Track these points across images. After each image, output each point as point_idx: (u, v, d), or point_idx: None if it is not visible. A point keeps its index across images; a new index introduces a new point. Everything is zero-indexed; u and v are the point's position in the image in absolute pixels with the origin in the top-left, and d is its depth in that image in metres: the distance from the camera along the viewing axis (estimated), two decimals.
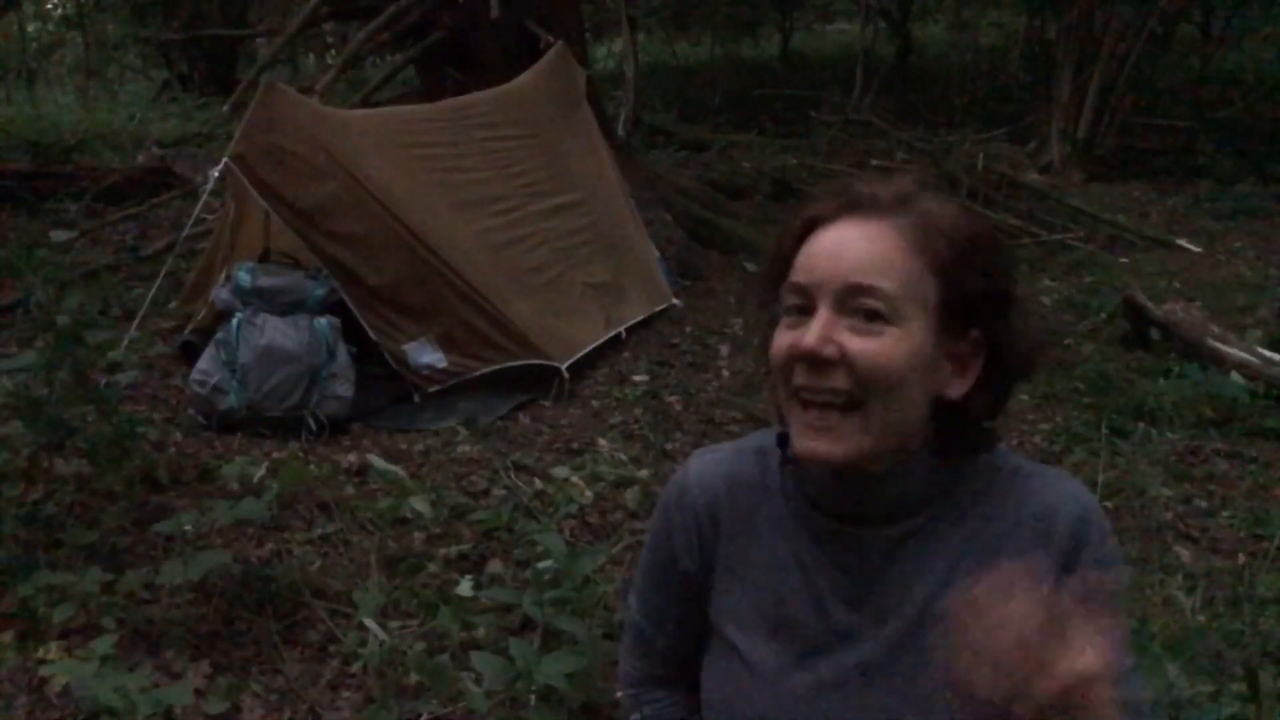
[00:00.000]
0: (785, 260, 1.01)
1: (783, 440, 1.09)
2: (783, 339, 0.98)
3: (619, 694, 1.27)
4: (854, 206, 0.99)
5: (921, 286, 0.96)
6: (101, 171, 7.57)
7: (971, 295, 0.98)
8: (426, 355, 4.30)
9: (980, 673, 0.82)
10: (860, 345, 0.94)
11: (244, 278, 4.09)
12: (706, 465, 1.14)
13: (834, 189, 1.03)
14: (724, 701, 1.09)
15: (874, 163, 8.88)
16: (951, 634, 0.85)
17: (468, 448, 3.88)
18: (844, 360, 0.94)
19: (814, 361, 0.94)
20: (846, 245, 0.97)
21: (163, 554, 2.87)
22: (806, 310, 0.97)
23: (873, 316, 0.94)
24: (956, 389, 0.99)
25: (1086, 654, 0.80)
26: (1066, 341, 5.33)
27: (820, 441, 0.96)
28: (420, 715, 2.30)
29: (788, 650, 1.06)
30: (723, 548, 1.11)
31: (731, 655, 1.09)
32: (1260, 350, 4.53)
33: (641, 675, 1.24)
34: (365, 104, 6.61)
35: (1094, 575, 0.98)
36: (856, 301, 0.95)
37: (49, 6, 15.64)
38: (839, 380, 0.94)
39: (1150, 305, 5.03)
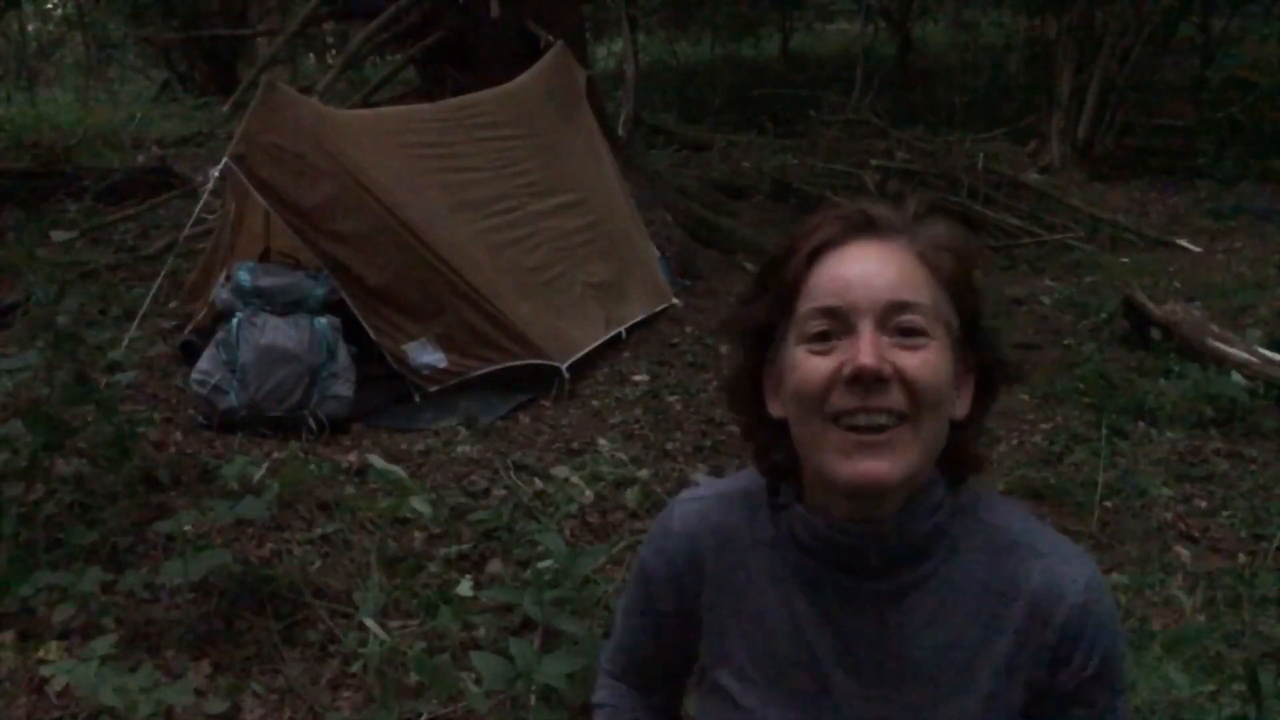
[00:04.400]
0: (792, 288, 0.98)
1: (773, 488, 1.07)
2: (816, 365, 0.94)
3: (599, 666, 1.29)
4: (864, 229, 0.98)
5: (943, 308, 0.96)
6: (101, 171, 7.56)
7: (975, 316, 0.99)
8: (427, 355, 4.30)
9: None
10: (912, 361, 0.92)
11: (244, 278, 4.09)
12: (690, 514, 1.12)
13: (835, 213, 1.00)
14: None
15: (874, 162, 8.88)
16: None
17: (468, 448, 3.88)
18: (898, 377, 0.91)
19: (870, 381, 0.91)
20: (876, 265, 0.95)
21: (163, 554, 2.87)
22: (832, 335, 0.94)
23: (912, 333, 0.93)
24: (960, 409, 0.99)
25: None
26: (1066, 341, 5.33)
27: (874, 461, 0.91)
28: (420, 715, 2.30)
29: (781, 700, 1.04)
30: (708, 597, 1.09)
31: (725, 700, 1.07)
32: (1260, 350, 4.53)
33: (615, 666, 1.26)
34: (365, 104, 6.61)
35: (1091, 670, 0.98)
36: (898, 319, 0.93)
37: (49, 6, 15.64)
38: (893, 398, 0.91)
39: (1150, 305, 5.03)
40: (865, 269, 0.95)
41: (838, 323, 0.94)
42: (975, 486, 1.05)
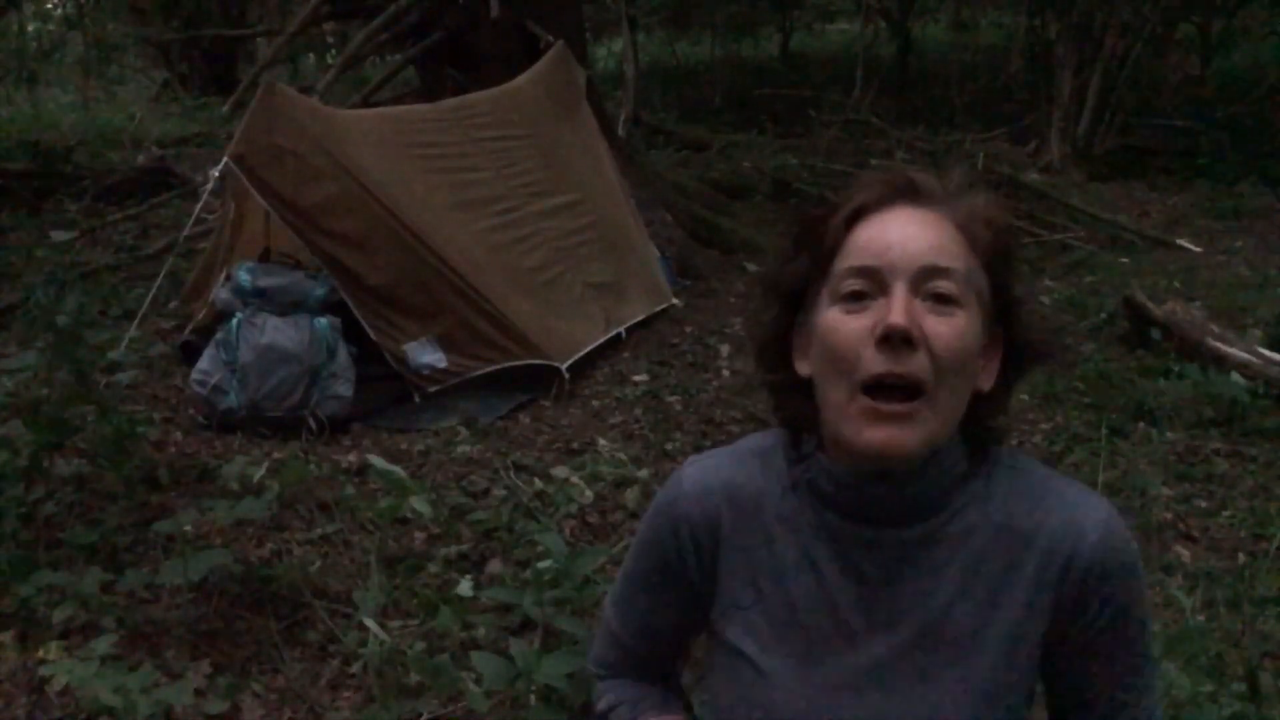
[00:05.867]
0: (830, 249, 0.99)
1: (795, 439, 1.07)
2: (848, 324, 0.95)
3: (590, 670, 1.28)
4: (906, 195, 0.99)
5: (977, 279, 0.97)
6: (101, 171, 7.57)
7: (1007, 290, 1.00)
8: (426, 355, 4.30)
9: None
10: (941, 327, 0.93)
11: (244, 278, 4.09)
12: (702, 473, 1.12)
13: (878, 177, 1.01)
14: (733, 707, 1.08)
15: (874, 162, 8.87)
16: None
17: (468, 448, 3.88)
18: (926, 342, 0.92)
19: (899, 342, 0.91)
20: (916, 230, 0.96)
21: (163, 554, 2.86)
22: (866, 295, 0.95)
23: (944, 299, 0.94)
24: (986, 381, 1.00)
25: None
26: (1066, 341, 5.32)
27: (894, 429, 0.92)
28: (420, 715, 2.30)
29: (798, 652, 1.04)
30: (724, 555, 1.09)
31: (740, 661, 1.07)
32: (1260, 350, 4.52)
33: (611, 664, 1.25)
34: (365, 104, 6.61)
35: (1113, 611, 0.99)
36: (931, 284, 0.94)
37: (49, 6, 15.64)
38: (918, 364, 0.92)
39: (1150, 305, 5.03)
40: (904, 232, 0.96)
41: (873, 283, 0.95)
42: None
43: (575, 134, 5.75)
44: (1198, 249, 7.42)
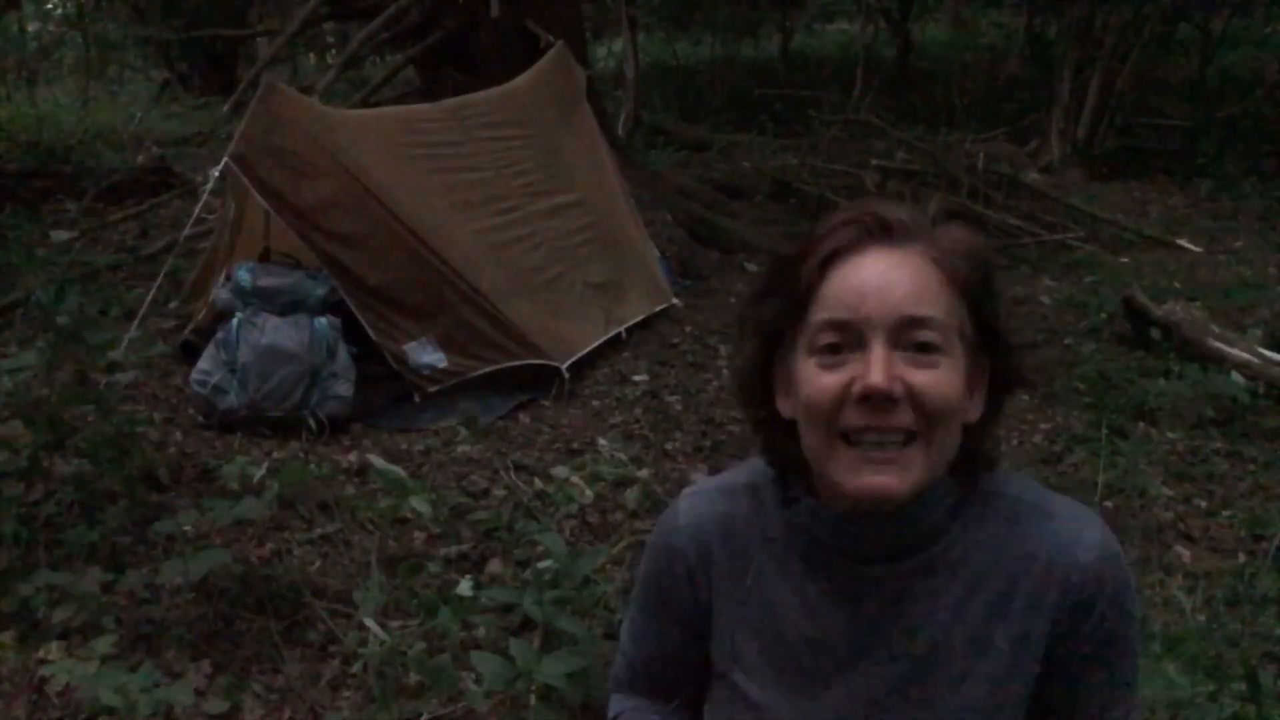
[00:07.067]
0: (805, 294, 0.96)
1: (782, 480, 1.07)
2: (825, 380, 0.93)
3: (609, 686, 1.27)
4: (879, 234, 0.95)
5: (958, 315, 0.95)
6: (101, 171, 7.56)
7: (992, 322, 0.98)
8: (427, 355, 4.30)
9: None
10: (923, 379, 0.91)
11: (244, 278, 4.09)
12: (696, 506, 1.11)
13: (850, 216, 0.97)
14: None
15: (874, 162, 8.87)
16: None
17: (468, 448, 3.88)
18: (909, 396, 0.90)
19: (879, 401, 0.89)
20: (891, 277, 0.92)
21: (163, 554, 2.87)
22: (843, 348, 0.93)
23: (925, 348, 0.91)
24: (974, 412, 0.99)
25: None
26: (1066, 341, 5.33)
27: (883, 475, 0.91)
28: (420, 715, 2.30)
29: (792, 686, 1.04)
30: (719, 590, 1.08)
31: (736, 697, 1.07)
32: (1260, 350, 4.52)
33: (626, 683, 1.24)
34: (365, 104, 6.61)
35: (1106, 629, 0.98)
36: (911, 335, 0.91)
37: (49, 6, 15.63)
38: (902, 418, 0.90)
39: (1150, 305, 5.03)
40: (880, 281, 0.92)
41: (849, 336, 0.92)
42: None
43: (575, 134, 5.75)
44: (1198, 249, 7.42)
